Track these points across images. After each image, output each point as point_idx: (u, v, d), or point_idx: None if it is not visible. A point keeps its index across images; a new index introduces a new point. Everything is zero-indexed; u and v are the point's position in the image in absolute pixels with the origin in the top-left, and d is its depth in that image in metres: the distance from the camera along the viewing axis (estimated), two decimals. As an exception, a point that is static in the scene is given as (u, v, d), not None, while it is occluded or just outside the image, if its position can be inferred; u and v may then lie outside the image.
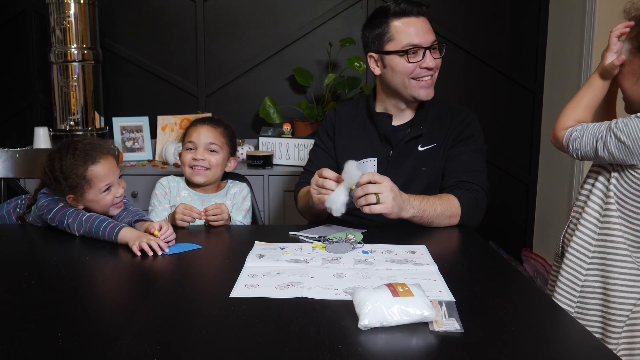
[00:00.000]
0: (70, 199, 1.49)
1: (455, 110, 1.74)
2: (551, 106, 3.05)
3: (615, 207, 1.32)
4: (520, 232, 3.31)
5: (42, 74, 3.09)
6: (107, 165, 1.50)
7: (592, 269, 1.36)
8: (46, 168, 1.49)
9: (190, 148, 1.77)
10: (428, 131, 1.70)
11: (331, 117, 1.84)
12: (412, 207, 1.48)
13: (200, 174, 1.76)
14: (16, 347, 0.86)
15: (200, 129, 1.78)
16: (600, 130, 1.28)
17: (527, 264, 3.10)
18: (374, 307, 0.91)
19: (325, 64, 3.09)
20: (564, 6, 2.90)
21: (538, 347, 0.86)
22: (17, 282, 1.14)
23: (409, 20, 1.63)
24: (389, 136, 1.71)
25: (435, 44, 1.65)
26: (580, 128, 1.33)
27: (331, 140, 1.81)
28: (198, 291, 1.14)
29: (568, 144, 1.34)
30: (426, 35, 1.63)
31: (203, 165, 1.75)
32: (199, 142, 1.76)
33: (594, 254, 1.36)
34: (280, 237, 1.46)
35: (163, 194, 1.78)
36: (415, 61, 1.64)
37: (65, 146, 1.50)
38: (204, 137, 1.76)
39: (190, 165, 1.76)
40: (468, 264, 1.32)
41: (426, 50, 1.63)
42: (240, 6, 3.09)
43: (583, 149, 1.31)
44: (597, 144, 1.28)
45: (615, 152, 1.25)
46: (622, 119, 1.27)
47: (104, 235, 1.39)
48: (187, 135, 1.80)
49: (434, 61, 1.65)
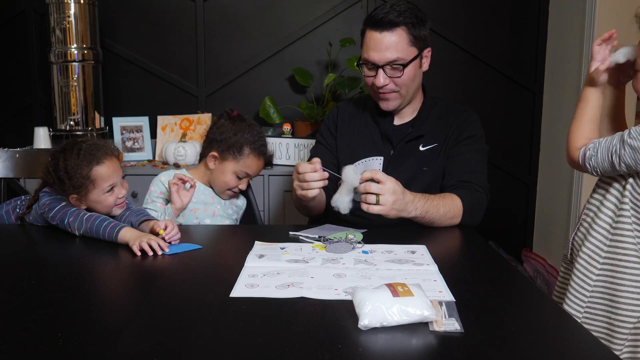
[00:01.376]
0: (74, 199, 1.49)
1: (458, 110, 1.74)
2: (551, 106, 3.06)
3: (630, 212, 1.30)
4: (520, 232, 3.31)
5: (42, 74, 3.09)
6: (112, 165, 1.50)
7: (602, 274, 1.35)
8: (50, 168, 1.49)
9: (240, 177, 1.74)
10: (429, 131, 1.69)
11: (334, 113, 1.84)
12: (416, 209, 1.47)
13: (233, 196, 1.81)
14: (16, 347, 0.86)
15: (260, 164, 1.76)
16: (613, 145, 1.26)
17: (527, 264, 3.10)
18: (374, 307, 0.91)
19: (325, 64, 3.09)
20: (564, 6, 2.90)
21: (538, 347, 0.86)
22: (17, 282, 1.14)
23: (372, 34, 1.59)
24: (390, 135, 1.71)
25: (394, 63, 1.58)
26: (592, 146, 1.31)
27: (333, 137, 1.81)
28: (198, 291, 1.14)
29: (585, 164, 1.32)
30: (382, 53, 1.58)
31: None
32: (252, 175, 1.77)
33: (605, 260, 1.34)
34: (280, 237, 1.45)
35: (158, 192, 1.75)
36: (369, 75, 1.63)
37: (70, 146, 1.50)
38: (257, 172, 1.78)
39: (233, 190, 1.77)
40: (468, 264, 1.32)
41: (379, 68, 1.59)
42: (240, 6, 3.09)
43: (600, 166, 1.29)
44: (612, 158, 1.26)
45: (631, 162, 1.23)
46: (634, 127, 1.24)
47: (104, 235, 1.39)
48: (245, 163, 1.73)
49: (386, 80, 1.60)
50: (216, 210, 1.77)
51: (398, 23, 1.57)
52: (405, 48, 1.59)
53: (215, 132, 1.75)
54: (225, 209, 1.80)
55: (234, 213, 1.83)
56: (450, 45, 3.10)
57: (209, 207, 1.76)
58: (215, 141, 1.74)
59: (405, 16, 1.57)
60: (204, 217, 1.75)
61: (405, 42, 1.58)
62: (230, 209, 1.81)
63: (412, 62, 1.60)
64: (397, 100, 1.66)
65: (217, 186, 1.77)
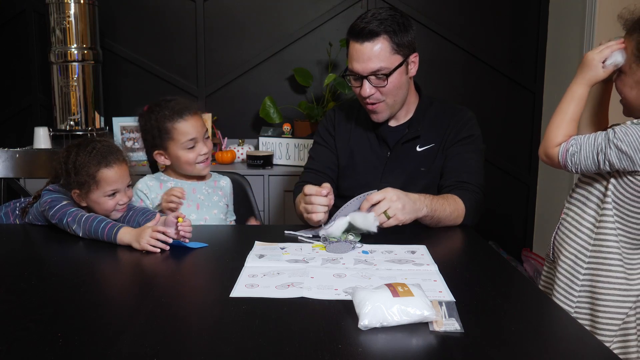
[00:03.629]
0: (76, 194, 1.50)
1: (454, 109, 1.73)
2: (551, 106, 3.05)
3: (612, 212, 1.30)
4: (520, 232, 3.31)
5: (42, 74, 3.09)
6: (119, 171, 1.51)
7: (587, 274, 1.35)
8: (61, 158, 1.51)
9: (192, 146, 1.69)
10: (426, 131, 1.69)
11: (331, 115, 1.84)
12: (425, 206, 1.47)
13: (208, 165, 1.76)
14: (16, 347, 0.86)
15: (192, 121, 1.68)
16: (598, 143, 1.25)
17: (527, 264, 3.10)
18: (374, 307, 0.91)
19: (325, 64, 3.09)
20: (564, 6, 2.90)
21: (538, 347, 0.86)
22: (17, 282, 1.14)
23: (354, 45, 1.57)
24: (387, 137, 1.71)
25: (378, 72, 1.57)
26: (574, 142, 1.30)
27: (332, 138, 1.80)
28: (198, 291, 1.14)
29: (566, 160, 1.30)
30: (365, 63, 1.56)
31: (209, 155, 1.74)
32: (199, 136, 1.69)
33: (590, 260, 1.34)
34: (280, 237, 1.45)
35: (139, 200, 1.70)
36: (355, 86, 1.62)
37: (85, 143, 1.52)
38: (201, 127, 1.70)
39: (198, 161, 1.71)
40: (468, 264, 1.32)
41: (364, 79, 1.58)
42: (240, 6, 3.09)
43: (583, 163, 1.28)
44: (598, 157, 1.25)
45: (616, 162, 1.23)
46: (619, 127, 1.24)
47: (103, 236, 1.39)
48: (178, 132, 1.67)
49: (371, 90, 1.59)
50: (200, 202, 1.75)
51: (379, 32, 1.55)
52: (387, 57, 1.56)
53: (142, 137, 1.75)
54: (210, 198, 1.77)
55: (220, 199, 1.79)
56: (450, 45, 3.10)
57: (192, 202, 1.73)
58: (147, 141, 1.73)
59: (386, 25, 1.55)
60: (189, 213, 1.70)
61: (387, 50, 1.56)
62: (215, 196, 1.78)
63: (396, 70, 1.58)
64: (385, 111, 1.65)
65: (187, 170, 1.72)
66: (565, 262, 1.38)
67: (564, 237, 1.40)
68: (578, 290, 1.36)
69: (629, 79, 1.29)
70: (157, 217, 1.43)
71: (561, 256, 1.40)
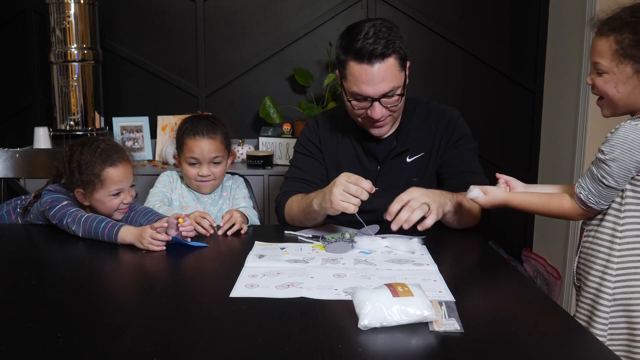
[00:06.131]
0: (79, 193, 1.50)
1: (439, 112, 1.68)
2: (551, 106, 3.06)
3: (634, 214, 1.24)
4: (520, 232, 3.31)
5: (42, 74, 3.09)
6: (124, 171, 1.51)
7: (617, 288, 1.25)
8: (65, 157, 1.51)
9: (194, 163, 1.71)
10: (414, 142, 1.65)
11: (314, 126, 1.76)
12: (448, 200, 1.43)
13: (207, 186, 1.76)
14: (16, 347, 0.86)
15: (201, 143, 1.69)
16: (594, 174, 1.22)
17: (527, 264, 3.10)
18: (374, 307, 0.91)
19: (325, 64, 3.09)
20: (564, 6, 2.90)
21: (538, 347, 0.86)
22: (17, 282, 1.14)
23: (362, 67, 1.47)
24: (375, 151, 1.66)
25: (389, 93, 1.51)
26: (579, 188, 1.26)
27: (319, 150, 1.73)
28: (198, 291, 1.14)
29: (589, 205, 1.25)
30: (377, 86, 1.48)
31: (210, 179, 1.74)
32: (202, 158, 1.70)
33: (618, 272, 1.25)
34: (280, 237, 1.46)
35: (166, 183, 1.79)
36: (361, 108, 1.54)
37: (90, 142, 1.52)
38: (207, 152, 1.70)
39: (196, 180, 1.73)
40: (468, 264, 1.32)
41: (374, 101, 1.51)
42: (240, 6, 3.09)
43: (604, 196, 1.24)
44: (603, 182, 1.21)
45: (619, 173, 1.19)
46: (602, 145, 1.22)
47: (103, 235, 1.39)
48: (187, 148, 1.71)
49: (382, 111, 1.52)
50: (207, 206, 1.77)
51: (389, 53, 1.48)
52: (397, 75, 1.51)
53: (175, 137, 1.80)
54: (215, 202, 1.79)
55: (224, 200, 1.79)
56: (450, 45, 3.10)
57: (200, 206, 1.76)
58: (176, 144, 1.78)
59: (393, 43, 1.49)
60: None
61: (397, 69, 1.51)
62: (220, 199, 1.80)
63: (404, 85, 1.55)
64: (390, 124, 1.62)
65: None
66: (593, 281, 1.30)
67: (587, 256, 1.33)
68: (610, 306, 1.27)
69: (613, 78, 1.27)
70: (164, 221, 1.42)
71: (588, 276, 1.31)
